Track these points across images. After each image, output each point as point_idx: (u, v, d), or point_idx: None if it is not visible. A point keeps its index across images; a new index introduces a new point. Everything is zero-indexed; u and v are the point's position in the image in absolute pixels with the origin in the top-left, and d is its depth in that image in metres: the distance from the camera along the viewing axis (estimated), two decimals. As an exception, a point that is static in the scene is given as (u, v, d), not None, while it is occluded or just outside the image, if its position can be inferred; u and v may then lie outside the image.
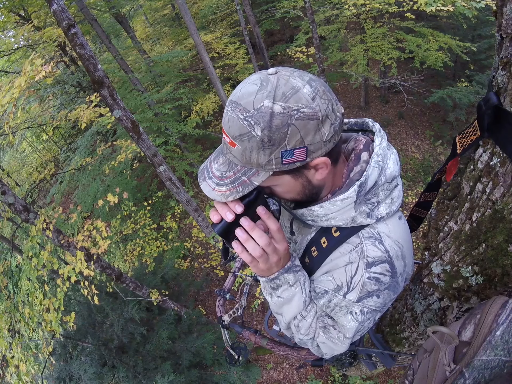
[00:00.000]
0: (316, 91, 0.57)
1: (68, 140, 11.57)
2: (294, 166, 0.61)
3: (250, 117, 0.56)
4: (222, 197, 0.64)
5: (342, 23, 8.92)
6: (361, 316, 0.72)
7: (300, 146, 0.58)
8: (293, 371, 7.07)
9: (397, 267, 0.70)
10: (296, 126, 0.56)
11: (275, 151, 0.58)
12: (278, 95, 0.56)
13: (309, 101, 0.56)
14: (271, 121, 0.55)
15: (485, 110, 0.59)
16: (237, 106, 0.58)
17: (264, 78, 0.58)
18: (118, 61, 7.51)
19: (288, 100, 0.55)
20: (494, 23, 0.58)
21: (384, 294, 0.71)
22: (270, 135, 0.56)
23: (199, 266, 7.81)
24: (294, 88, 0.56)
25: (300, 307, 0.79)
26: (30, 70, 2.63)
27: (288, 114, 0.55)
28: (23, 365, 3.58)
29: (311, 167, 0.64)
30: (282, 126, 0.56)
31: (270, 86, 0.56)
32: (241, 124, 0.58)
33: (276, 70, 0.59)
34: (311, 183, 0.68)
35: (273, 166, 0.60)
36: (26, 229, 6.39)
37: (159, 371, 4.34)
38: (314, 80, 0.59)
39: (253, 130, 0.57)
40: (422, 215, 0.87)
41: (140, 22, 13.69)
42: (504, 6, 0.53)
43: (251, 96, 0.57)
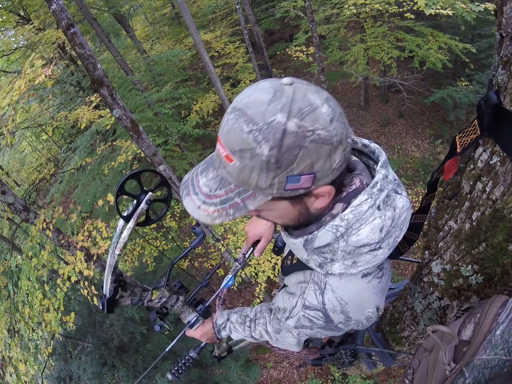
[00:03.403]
0: (334, 113, 0.51)
1: (67, 140, 11.57)
2: (297, 193, 0.55)
3: (258, 131, 0.48)
4: (208, 218, 0.57)
5: (342, 22, 8.92)
6: (298, 336, 0.82)
7: (308, 172, 0.51)
8: (293, 370, 7.08)
9: (333, 318, 0.70)
10: (308, 149, 0.49)
11: (280, 174, 0.50)
12: (294, 110, 0.48)
13: (327, 122, 0.49)
14: (282, 139, 0.47)
15: (485, 109, 0.59)
16: (243, 116, 0.49)
17: (278, 88, 0.50)
18: (117, 60, 7.51)
19: (305, 118, 0.48)
20: (494, 23, 0.57)
21: (318, 329, 0.75)
22: (278, 156, 0.48)
23: (199, 266, 7.82)
24: (312, 105, 0.49)
25: (246, 332, 1.00)
26: (30, 72, 2.63)
27: (302, 135, 0.48)
28: (22, 365, 3.58)
29: (312, 195, 0.58)
30: (293, 148, 0.48)
31: (285, 98, 0.48)
32: (244, 138, 0.49)
33: (291, 81, 0.51)
34: (309, 211, 0.62)
35: (274, 190, 0.53)
36: (26, 229, 6.39)
37: (159, 371, 4.35)
38: (331, 99, 0.53)
39: (259, 148, 0.48)
40: (422, 220, 0.86)
41: (140, 21, 13.68)
42: (504, 5, 0.53)
43: (261, 106, 0.48)
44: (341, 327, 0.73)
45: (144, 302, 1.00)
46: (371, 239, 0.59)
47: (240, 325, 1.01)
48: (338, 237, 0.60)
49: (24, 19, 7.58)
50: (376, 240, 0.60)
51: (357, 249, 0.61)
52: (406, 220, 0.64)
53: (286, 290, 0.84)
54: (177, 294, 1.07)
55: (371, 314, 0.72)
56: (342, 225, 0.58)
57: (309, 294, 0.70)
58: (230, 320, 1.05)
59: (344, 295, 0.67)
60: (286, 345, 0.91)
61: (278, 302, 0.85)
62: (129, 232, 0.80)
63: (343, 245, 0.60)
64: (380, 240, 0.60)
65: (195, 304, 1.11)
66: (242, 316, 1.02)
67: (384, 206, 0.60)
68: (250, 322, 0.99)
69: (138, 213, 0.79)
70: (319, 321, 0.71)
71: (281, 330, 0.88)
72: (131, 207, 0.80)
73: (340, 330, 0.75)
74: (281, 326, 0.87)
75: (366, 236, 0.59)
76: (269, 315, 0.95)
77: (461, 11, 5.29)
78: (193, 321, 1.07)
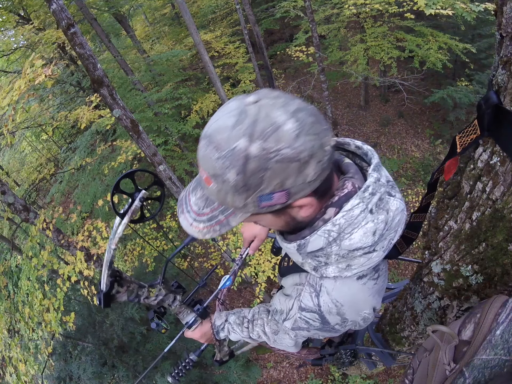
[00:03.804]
0: (301, 126, 0.49)
1: (67, 140, 11.57)
2: (274, 209, 0.56)
3: (224, 157, 0.49)
4: (199, 234, 0.61)
5: (342, 22, 8.93)
6: (295, 338, 0.82)
7: (280, 189, 0.51)
8: (293, 370, 7.08)
9: (329, 319, 0.70)
10: (274, 170, 0.49)
11: (251, 195, 0.52)
12: (256, 132, 0.48)
13: (291, 140, 0.48)
14: (245, 165, 0.48)
15: (485, 109, 0.59)
16: (211, 143, 0.51)
17: (242, 109, 0.50)
18: (117, 60, 7.51)
19: (268, 139, 0.47)
20: (494, 23, 0.57)
21: (314, 331, 0.75)
22: (244, 180, 0.50)
23: (199, 265, 7.82)
24: (275, 124, 0.48)
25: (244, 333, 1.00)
26: (30, 72, 2.64)
27: (265, 157, 0.48)
28: (22, 365, 3.58)
29: (294, 207, 0.58)
30: (258, 171, 0.49)
31: (248, 120, 0.48)
32: (214, 165, 0.51)
33: (257, 98, 0.51)
34: (295, 220, 0.62)
35: (251, 208, 0.55)
36: (26, 229, 6.39)
37: (159, 371, 4.35)
38: (302, 109, 0.51)
39: (227, 173, 0.50)
40: (421, 219, 0.86)
41: (140, 21, 13.68)
42: (504, 5, 0.53)
43: (225, 132, 0.49)
44: (338, 328, 0.74)
45: (140, 299, 1.00)
46: (364, 243, 0.59)
47: (238, 326, 1.01)
48: (330, 242, 0.60)
49: (24, 19, 7.58)
50: (370, 244, 0.60)
51: (350, 253, 0.61)
52: (400, 222, 0.63)
53: (283, 292, 0.84)
54: (174, 294, 1.07)
55: (368, 315, 0.72)
56: (334, 230, 0.59)
57: (305, 296, 0.71)
58: (228, 321, 1.05)
59: (340, 297, 0.68)
60: (284, 347, 0.91)
61: (275, 304, 0.86)
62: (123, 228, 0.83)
63: (336, 249, 0.60)
64: (374, 243, 0.60)
65: (193, 304, 1.11)
66: (240, 317, 1.03)
67: (376, 210, 0.59)
68: (248, 323, 0.99)
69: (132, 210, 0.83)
70: (316, 322, 0.72)
71: (279, 332, 0.88)
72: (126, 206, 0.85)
73: (337, 331, 0.75)
74: (278, 327, 0.87)
75: (359, 240, 0.59)
76: (266, 316, 0.95)
77: (461, 11, 5.30)
78: (191, 322, 1.07)
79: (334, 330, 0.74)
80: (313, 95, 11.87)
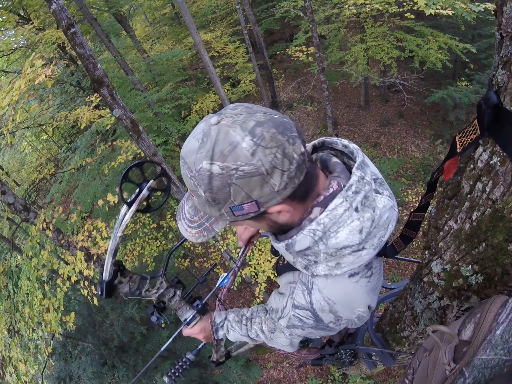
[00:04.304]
0: (258, 142, 0.52)
1: (67, 140, 11.57)
2: (249, 216, 0.60)
3: (194, 177, 0.56)
4: (193, 238, 0.69)
5: (342, 22, 8.92)
6: (290, 336, 0.83)
7: (248, 201, 0.56)
8: (293, 370, 7.08)
9: (322, 317, 0.71)
10: (237, 185, 0.53)
11: (223, 207, 0.58)
12: (216, 153, 0.53)
13: (248, 157, 0.52)
14: (210, 183, 0.54)
15: (485, 109, 0.59)
16: (185, 164, 0.57)
17: (206, 131, 0.55)
18: (117, 60, 7.51)
19: (226, 159, 0.52)
20: (494, 23, 0.57)
21: (309, 329, 0.76)
22: (213, 196, 0.56)
23: (199, 265, 7.82)
24: (232, 143, 0.52)
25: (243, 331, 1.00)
26: (30, 72, 2.64)
27: (227, 174, 0.53)
28: (22, 365, 3.58)
29: (271, 213, 0.60)
30: (222, 187, 0.54)
31: (209, 144, 0.53)
32: (190, 182, 0.58)
33: (218, 119, 0.55)
34: (278, 223, 0.65)
35: (228, 217, 0.60)
36: (26, 229, 6.39)
37: (159, 371, 4.35)
38: (262, 123, 0.53)
39: (198, 190, 0.57)
40: (420, 218, 0.86)
41: (140, 21, 13.68)
42: (504, 5, 0.53)
43: (192, 155, 0.55)
44: (333, 327, 0.74)
45: (142, 291, 1.00)
46: (350, 241, 0.60)
47: (237, 323, 1.02)
48: (316, 241, 0.61)
49: (24, 19, 7.58)
50: (357, 242, 0.60)
51: (338, 251, 0.61)
52: (389, 220, 0.63)
53: (278, 291, 0.85)
54: (175, 288, 1.07)
55: (362, 313, 0.72)
56: (319, 229, 0.60)
57: (298, 294, 0.72)
58: (228, 318, 1.06)
59: (332, 295, 0.68)
60: (280, 346, 0.92)
61: (271, 303, 0.87)
62: (131, 215, 0.87)
63: (324, 248, 0.61)
64: (362, 241, 0.61)
65: (192, 301, 1.11)
66: (239, 315, 1.04)
67: (362, 208, 0.60)
68: (247, 320, 1.00)
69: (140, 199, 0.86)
70: (309, 320, 0.73)
71: (275, 330, 0.89)
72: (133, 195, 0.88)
73: (332, 329, 0.75)
74: (275, 325, 0.88)
75: (345, 238, 0.60)
76: (264, 315, 0.97)
77: (461, 11, 5.30)
78: (190, 318, 1.08)
79: (328, 328, 0.74)
80: (313, 95, 11.87)
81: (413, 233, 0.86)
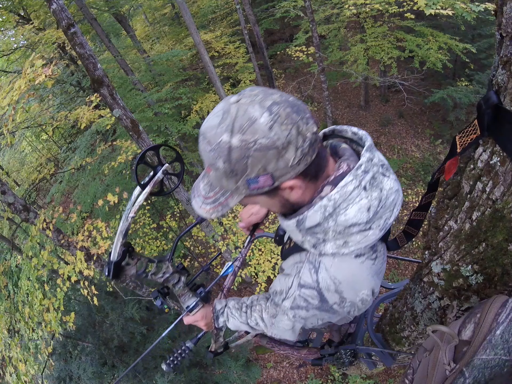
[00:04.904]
0: (275, 118, 0.56)
1: (67, 140, 11.57)
2: (264, 190, 0.63)
3: (213, 150, 0.59)
4: (207, 214, 0.71)
5: (342, 22, 8.92)
6: (294, 319, 0.82)
7: (263, 173, 0.59)
8: (293, 370, 7.08)
9: (327, 297, 0.72)
10: (255, 157, 0.57)
11: (240, 179, 0.61)
12: (236, 127, 0.57)
13: (266, 131, 0.56)
14: (229, 154, 0.58)
15: (485, 109, 0.59)
16: (205, 138, 0.61)
17: (226, 109, 0.59)
18: (117, 60, 7.51)
19: (245, 132, 0.56)
20: (494, 23, 0.57)
21: (313, 311, 0.77)
22: (231, 167, 0.59)
23: (199, 265, 7.81)
24: (251, 119, 0.56)
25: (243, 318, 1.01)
26: (30, 72, 2.63)
27: (245, 147, 0.57)
28: (22, 365, 3.58)
29: (284, 188, 0.64)
30: (241, 159, 0.58)
31: (229, 119, 0.58)
32: (209, 156, 0.61)
33: (238, 98, 0.60)
34: (289, 201, 0.69)
35: (243, 191, 0.63)
36: (26, 229, 6.39)
37: (159, 371, 4.35)
38: (278, 103, 0.58)
39: (217, 162, 0.60)
40: (422, 217, 0.87)
41: (140, 21, 13.68)
42: (504, 5, 0.53)
43: (213, 130, 0.59)
44: (336, 309, 0.75)
45: (148, 274, 1.01)
46: (359, 219, 0.63)
47: (237, 311, 1.03)
48: (326, 217, 0.64)
49: (24, 19, 7.58)
50: (365, 220, 0.64)
51: (346, 229, 0.64)
52: (395, 202, 0.67)
53: (284, 273, 0.86)
54: (180, 274, 1.08)
55: (366, 297, 0.74)
56: (330, 205, 0.63)
57: (304, 272, 0.74)
58: (228, 305, 1.07)
59: (338, 274, 0.70)
60: (281, 331, 0.91)
61: (275, 286, 0.88)
62: (144, 197, 0.88)
63: (333, 225, 0.64)
64: (369, 220, 0.64)
65: (195, 288, 1.12)
66: (240, 303, 1.05)
67: (370, 187, 0.64)
68: (247, 308, 1.01)
69: (154, 181, 0.87)
70: (314, 301, 0.74)
71: (277, 315, 0.88)
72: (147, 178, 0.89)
73: (335, 312, 0.76)
74: (277, 310, 0.88)
75: (354, 215, 0.63)
76: (265, 303, 0.98)
77: (461, 11, 5.30)
78: (193, 305, 1.09)
79: (332, 311, 0.75)
80: (313, 95, 11.87)
81: (415, 231, 0.88)
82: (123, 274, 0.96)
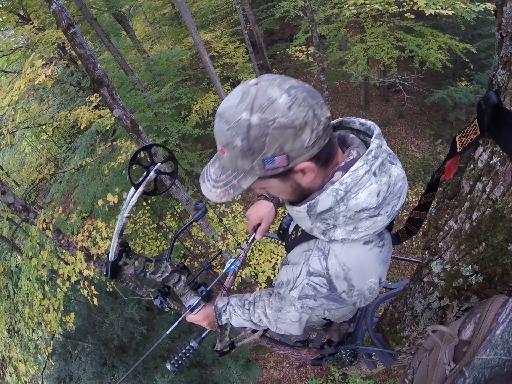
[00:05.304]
0: (294, 100, 0.58)
1: (67, 140, 11.57)
2: (278, 172, 0.64)
3: (232, 128, 0.60)
4: (217, 198, 0.71)
5: (342, 22, 8.91)
6: (301, 309, 0.81)
7: (280, 153, 0.60)
8: (293, 370, 7.08)
9: (336, 285, 0.73)
10: (273, 135, 0.58)
11: (256, 159, 0.61)
12: (255, 106, 0.58)
13: (285, 111, 0.57)
14: (248, 132, 0.59)
15: (485, 109, 0.59)
16: (222, 118, 0.62)
17: (245, 90, 0.61)
18: (117, 60, 7.51)
19: (265, 111, 0.58)
20: (494, 23, 0.57)
21: (321, 300, 0.77)
22: (249, 145, 0.60)
23: (199, 265, 7.81)
24: (271, 99, 0.58)
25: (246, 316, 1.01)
26: (30, 72, 2.63)
27: (264, 125, 0.58)
28: (22, 365, 3.58)
29: (297, 171, 0.65)
30: (259, 136, 0.59)
31: (249, 99, 0.59)
32: (225, 135, 0.62)
33: (257, 81, 0.61)
34: (301, 186, 0.70)
35: (258, 171, 0.64)
36: (26, 229, 6.39)
37: (159, 371, 4.35)
38: (296, 87, 0.60)
39: (235, 141, 0.60)
40: (422, 217, 0.87)
41: (140, 21, 13.69)
42: (504, 5, 0.53)
43: (232, 109, 0.60)
44: (345, 298, 0.75)
45: (146, 274, 1.00)
46: (369, 203, 0.65)
47: (240, 308, 1.03)
48: (338, 201, 0.65)
49: (24, 19, 7.58)
50: (374, 205, 0.65)
51: (357, 214, 0.66)
52: (402, 189, 0.69)
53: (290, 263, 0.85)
54: (180, 273, 1.07)
55: (374, 285, 0.75)
56: (342, 189, 0.64)
57: (313, 260, 0.74)
58: (230, 303, 1.06)
59: (347, 261, 0.71)
60: (287, 324, 0.90)
61: (281, 277, 0.87)
62: (137, 196, 0.89)
63: (344, 209, 0.66)
64: (378, 205, 0.66)
65: (196, 287, 1.11)
66: (242, 300, 1.04)
67: (379, 173, 0.66)
68: (249, 305, 1.00)
69: (147, 181, 0.88)
70: (323, 289, 0.74)
71: (283, 308, 0.87)
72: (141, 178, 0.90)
73: (343, 302, 0.76)
74: (282, 304, 0.87)
75: (364, 200, 0.65)
76: (268, 299, 0.97)
77: (461, 11, 5.29)
78: (194, 305, 1.08)
79: (340, 300, 0.76)
80: (313, 95, 11.84)
81: (415, 229, 0.90)
82: (121, 273, 0.96)
